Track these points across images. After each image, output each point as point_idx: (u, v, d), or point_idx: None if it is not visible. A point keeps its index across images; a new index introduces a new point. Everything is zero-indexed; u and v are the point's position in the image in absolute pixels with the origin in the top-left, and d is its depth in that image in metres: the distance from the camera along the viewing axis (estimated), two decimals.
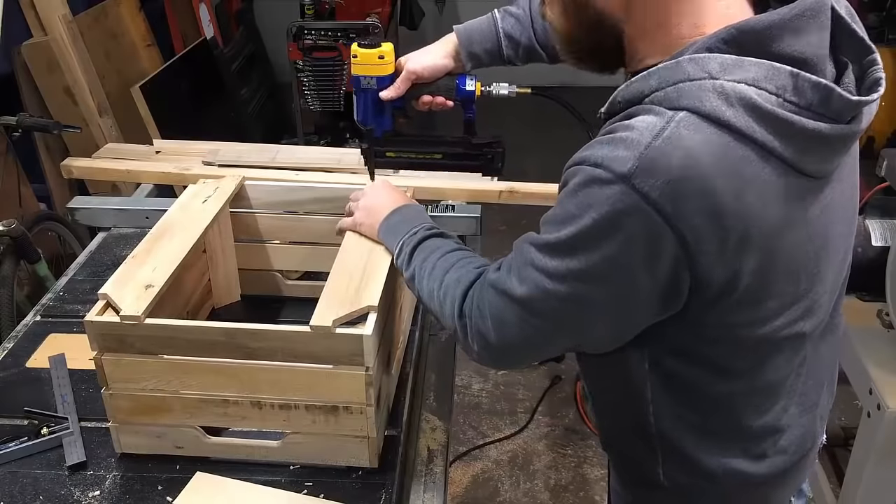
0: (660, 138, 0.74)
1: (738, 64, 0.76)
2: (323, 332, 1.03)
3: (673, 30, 0.82)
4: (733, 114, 0.75)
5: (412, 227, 1.11)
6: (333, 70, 3.53)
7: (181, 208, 1.33)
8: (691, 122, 0.75)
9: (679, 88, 0.77)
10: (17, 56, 2.71)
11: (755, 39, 0.77)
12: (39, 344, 1.38)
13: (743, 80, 0.76)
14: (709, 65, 0.77)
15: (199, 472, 1.12)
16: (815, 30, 0.78)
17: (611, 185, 0.75)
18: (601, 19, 0.87)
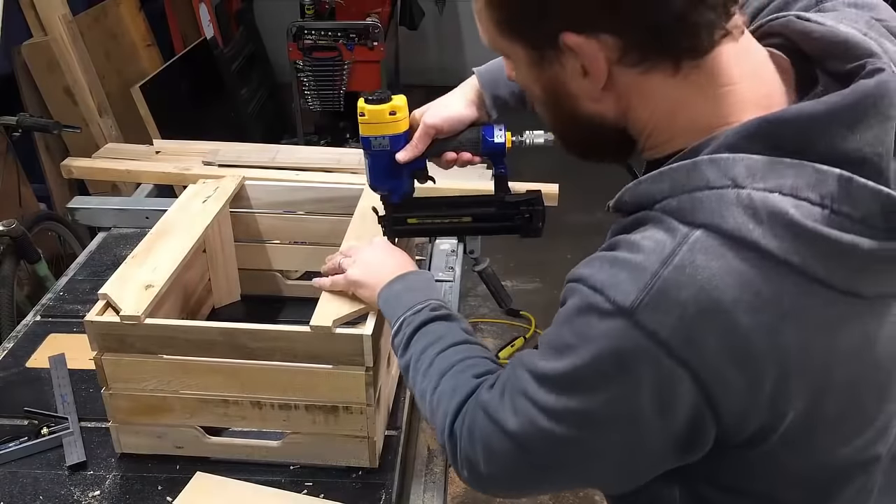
0: (670, 265, 0.62)
1: (771, 167, 0.62)
2: (323, 332, 1.03)
3: (690, 120, 0.69)
4: (763, 233, 0.60)
5: (416, 303, 0.96)
6: (333, 70, 3.54)
7: (181, 208, 1.33)
8: (709, 245, 0.61)
9: (695, 199, 0.63)
10: (17, 56, 2.71)
11: (794, 135, 0.62)
12: (39, 344, 1.38)
13: (777, 188, 0.61)
14: (733, 169, 0.62)
15: (199, 472, 1.12)
16: (875, 121, 0.62)
17: (611, 319, 0.64)
18: (595, 124, 0.74)
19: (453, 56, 4.93)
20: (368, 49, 3.49)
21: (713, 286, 0.61)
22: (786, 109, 0.64)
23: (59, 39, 2.71)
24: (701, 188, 0.63)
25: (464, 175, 1.71)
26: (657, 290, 0.62)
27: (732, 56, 0.67)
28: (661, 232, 0.64)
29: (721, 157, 0.64)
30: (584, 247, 0.85)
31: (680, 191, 0.65)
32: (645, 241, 0.65)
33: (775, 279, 0.61)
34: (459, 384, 0.84)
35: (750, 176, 0.62)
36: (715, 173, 0.63)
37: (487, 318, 3.05)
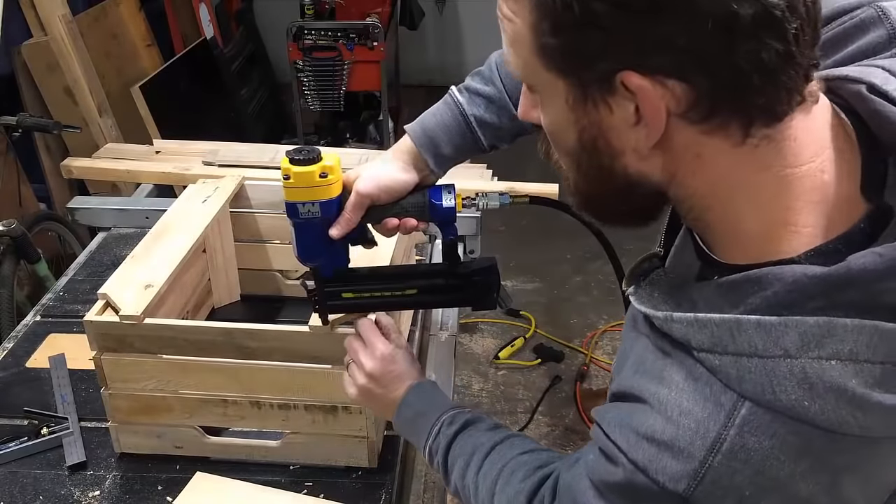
0: (718, 453, 0.56)
1: (827, 332, 0.54)
2: (322, 332, 1.03)
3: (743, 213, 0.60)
4: (820, 409, 0.54)
5: (431, 427, 0.92)
6: (333, 70, 3.54)
7: (181, 208, 1.33)
8: (760, 425, 0.56)
9: (741, 366, 0.56)
10: (17, 56, 2.71)
11: (859, 296, 0.55)
12: (39, 344, 1.38)
13: (835, 355, 0.54)
14: (784, 337, 0.55)
15: (199, 472, 1.12)
16: None
17: (663, 500, 0.59)
18: (633, 185, 0.63)
19: (453, 56, 4.93)
20: (368, 49, 3.49)
21: (768, 466, 0.56)
22: (847, 263, 0.55)
23: (59, 39, 2.71)
24: (747, 354, 0.56)
25: (463, 176, 1.72)
26: (710, 480, 0.57)
27: (804, 129, 0.58)
28: (700, 404, 0.58)
29: (770, 321, 0.56)
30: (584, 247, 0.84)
31: (723, 350, 0.57)
32: (684, 419, 0.58)
33: (832, 446, 0.56)
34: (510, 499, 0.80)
35: (804, 346, 0.55)
36: (763, 340, 0.56)
37: (487, 318, 3.06)
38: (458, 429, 0.90)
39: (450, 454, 0.89)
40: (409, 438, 0.98)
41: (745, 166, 0.58)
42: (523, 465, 0.82)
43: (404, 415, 0.96)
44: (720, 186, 0.60)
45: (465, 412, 0.93)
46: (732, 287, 0.59)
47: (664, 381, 0.61)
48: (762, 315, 0.56)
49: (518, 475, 0.81)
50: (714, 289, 0.61)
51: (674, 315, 0.61)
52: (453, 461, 0.88)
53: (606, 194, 0.66)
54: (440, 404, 0.94)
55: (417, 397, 0.96)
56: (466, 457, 0.87)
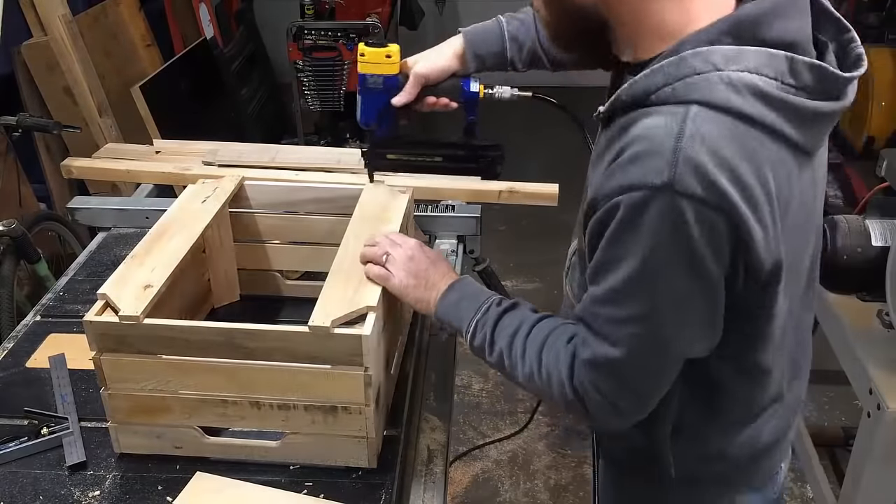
0: (683, 138, 0.77)
1: (739, 54, 0.79)
2: (322, 332, 1.03)
3: (660, 21, 0.84)
4: (743, 102, 0.78)
5: (479, 305, 1.06)
6: (333, 70, 3.54)
7: (181, 208, 1.33)
8: (706, 116, 0.78)
9: (687, 83, 0.79)
10: (17, 56, 2.71)
11: (750, 28, 0.81)
12: (39, 344, 1.38)
13: (746, 68, 0.79)
14: (712, 57, 0.79)
15: (199, 472, 1.12)
16: (797, 14, 0.84)
17: (656, 201, 0.78)
18: (582, 11, 0.88)
19: None
20: None
21: (719, 146, 0.77)
22: (742, 9, 0.82)
23: (59, 39, 2.71)
24: (690, 74, 0.79)
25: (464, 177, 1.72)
26: (682, 160, 0.76)
27: None
28: (660, 118, 0.79)
29: (702, 49, 0.80)
30: None
31: (673, 79, 0.80)
32: (650, 131, 0.79)
33: (755, 134, 0.79)
34: (559, 354, 0.96)
35: (726, 61, 0.79)
36: (700, 62, 0.79)
37: None
38: (507, 307, 1.04)
39: (498, 326, 1.03)
40: (447, 318, 1.09)
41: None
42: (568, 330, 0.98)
43: (449, 298, 1.09)
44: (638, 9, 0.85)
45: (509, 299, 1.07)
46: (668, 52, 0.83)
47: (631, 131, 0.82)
48: None
49: (563, 337, 0.98)
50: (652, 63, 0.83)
51: (635, 78, 0.83)
52: (500, 331, 1.02)
53: (566, 21, 0.92)
54: (487, 291, 1.10)
55: (464, 284, 1.11)
56: (515, 326, 1.01)
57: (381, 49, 1.19)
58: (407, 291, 1.11)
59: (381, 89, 1.21)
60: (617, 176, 0.81)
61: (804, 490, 2.35)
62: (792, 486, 2.38)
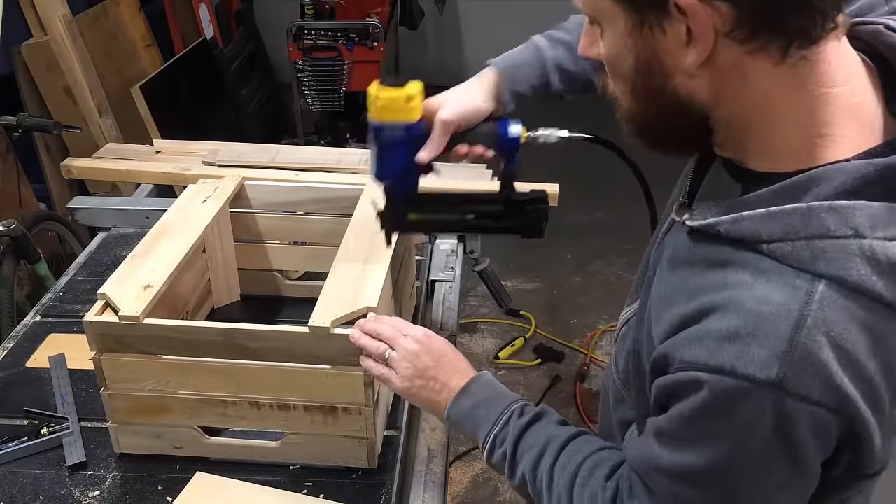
0: (803, 329, 0.61)
1: (891, 215, 0.62)
2: (322, 332, 1.03)
3: (784, 114, 0.67)
4: (885, 285, 0.62)
5: (498, 416, 0.92)
6: (333, 70, 3.54)
7: (181, 208, 1.33)
8: (836, 300, 0.62)
9: (815, 247, 0.62)
10: (17, 56, 2.71)
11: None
12: (39, 344, 1.38)
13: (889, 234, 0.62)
14: (855, 218, 0.62)
15: (199, 472, 1.12)
16: None
17: (758, 398, 0.63)
18: (681, 107, 0.70)
19: (453, 56, 4.93)
20: (368, 49, 3.49)
21: (846, 339, 0.62)
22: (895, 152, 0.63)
23: (59, 39, 2.71)
24: (822, 236, 0.62)
25: (464, 176, 1.72)
26: (800, 357, 0.61)
27: (835, 55, 0.65)
28: (776, 290, 0.63)
29: (841, 204, 0.62)
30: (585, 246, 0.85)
31: (795, 237, 0.63)
32: (765, 308, 0.63)
33: (886, 324, 0.63)
34: (596, 496, 0.82)
35: (871, 226, 0.62)
36: (835, 222, 0.62)
37: (487, 318, 3.06)
38: (529, 419, 0.90)
39: (520, 444, 0.89)
40: (463, 428, 0.95)
41: (784, 85, 0.65)
42: (606, 462, 0.85)
43: (462, 404, 0.94)
44: (761, 104, 0.66)
45: (532, 405, 0.93)
46: (793, 186, 0.65)
47: (730, 286, 0.65)
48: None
49: (602, 471, 0.83)
50: (773, 191, 0.66)
51: (744, 214, 0.66)
52: (523, 451, 0.88)
53: (657, 116, 0.72)
54: (506, 395, 0.95)
55: (480, 387, 0.95)
56: (540, 447, 0.87)
57: (400, 92, 0.94)
58: (412, 393, 0.98)
59: (402, 140, 0.97)
60: (707, 344, 0.65)
61: None
62: None
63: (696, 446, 0.69)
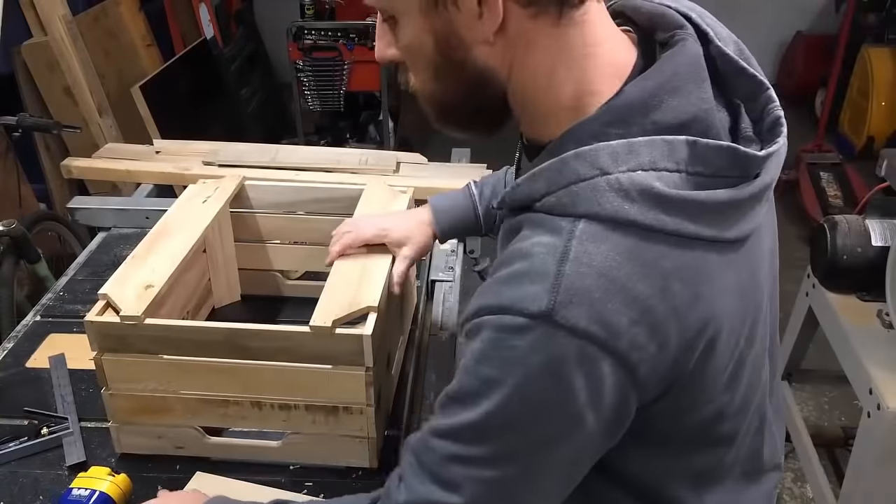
0: (567, 262, 0.65)
1: (629, 149, 0.67)
2: (323, 332, 1.03)
3: (561, 80, 0.72)
4: (637, 210, 0.66)
5: None
6: (333, 70, 3.54)
7: (181, 208, 1.33)
8: (593, 233, 0.66)
9: (571, 192, 0.68)
10: (17, 56, 2.71)
11: (640, 114, 0.69)
12: (39, 344, 1.38)
13: (639, 166, 0.66)
14: (599, 159, 0.67)
15: (199, 472, 1.12)
16: (693, 86, 0.70)
17: (530, 331, 0.65)
18: (482, 79, 0.74)
19: None
20: (368, 49, 3.49)
21: (608, 267, 0.65)
22: (627, 91, 0.70)
23: (59, 39, 2.71)
24: (575, 181, 0.68)
25: (464, 176, 1.71)
26: (564, 288, 0.64)
27: (599, 16, 0.72)
28: (546, 235, 0.68)
29: (584, 150, 0.68)
30: None
31: (556, 187, 0.69)
32: (535, 248, 0.68)
33: (654, 246, 0.66)
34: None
35: (614, 161, 0.67)
36: (583, 166, 0.68)
37: None
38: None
39: None
40: None
41: (561, 47, 0.71)
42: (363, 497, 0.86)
43: None
44: (543, 69, 0.72)
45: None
46: (554, 144, 0.72)
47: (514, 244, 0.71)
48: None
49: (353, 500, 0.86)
50: (542, 157, 0.73)
51: (518, 181, 0.73)
52: None
53: (462, 94, 0.76)
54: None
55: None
56: None
57: None
58: None
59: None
60: (490, 293, 0.69)
61: (804, 490, 2.35)
62: (792, 487, 2.38)
63: (475, 398, 0.69)
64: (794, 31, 4.88)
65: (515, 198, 0.73)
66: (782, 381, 2.21)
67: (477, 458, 0.71)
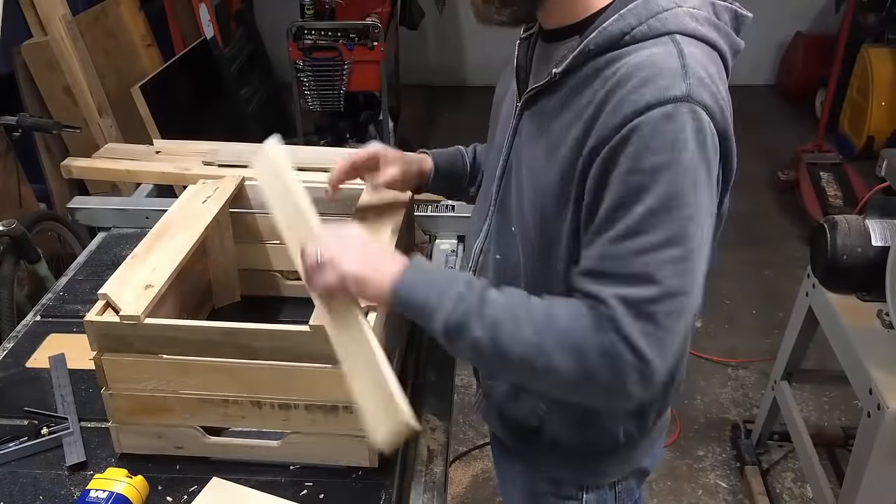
0: (685, 56, 0.84)
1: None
2: (323, 331, 1.03)
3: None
4: (705, 31, 0.89)
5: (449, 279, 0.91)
6: (333, 70, 3.54)
7: (181, 208, 1.33)
8: (689, 43, 0.86)
9: (660, 19, 0.87)
10: (17, 56, 2.71)
11: None
12: (39, 344, 1.38)
13: (692, 6, 0.90)
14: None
15: (216, 478, 1.11)
16: None
17: (680, 111, 0.81)
18: None
19: (453, 56, 4.93)
20: (368, 49, 3.49)
21: (703, 62, 0.86)
22: None
23: (59, 39, 2.71)
24: (660, 12, 0.87)
25: None
26: (691, 74, 0.83)
27: None
28: (652, 48, 0.86)
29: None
30: None
31: (646, 18, 0.87)
32: (653, 57, 0.84)
33: (711, 53, 0.90)
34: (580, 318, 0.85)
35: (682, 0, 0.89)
36: (664, 1, 0.88)
37: None
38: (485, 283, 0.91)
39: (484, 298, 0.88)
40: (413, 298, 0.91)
41: None
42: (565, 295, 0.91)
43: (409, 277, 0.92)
44: None
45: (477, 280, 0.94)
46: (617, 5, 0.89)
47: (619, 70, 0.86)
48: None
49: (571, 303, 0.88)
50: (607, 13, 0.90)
51: (603, 25, 0.88)
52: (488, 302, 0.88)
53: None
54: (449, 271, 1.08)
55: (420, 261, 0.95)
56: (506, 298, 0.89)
57: None
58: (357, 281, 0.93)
59: None
60: (626, 104, 0.82)
61: (804, 490, 2.35)
62: (792, 486, 2.38)
63: (644, 190, 0.82)
64: (794, 31, 4.88)
65: (603, 39, 0.88)
66: (782, 382, 2.22)
67: (665, 240, 0.82)
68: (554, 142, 0.92)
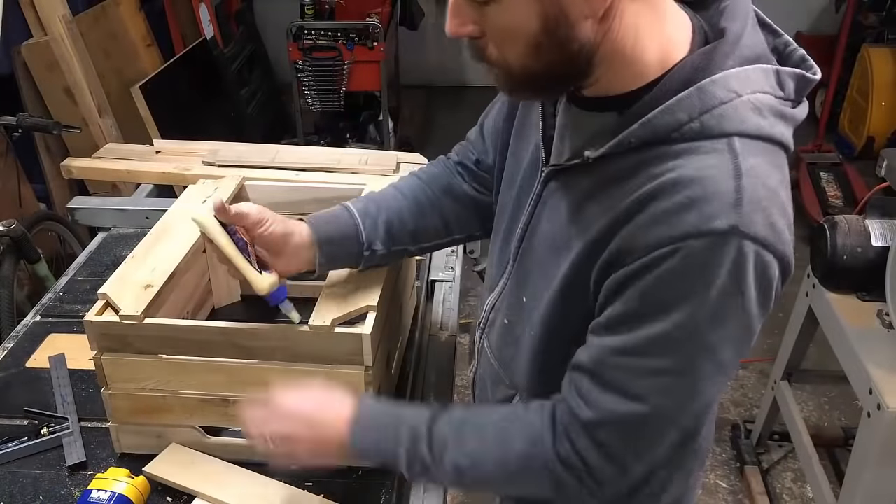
0: (742, 176, 0.72)
1: (745, 76, 0.75)
2: (322, 331, 1.03)
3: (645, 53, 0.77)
4: (769, 125, 0.75)
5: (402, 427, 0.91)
6: (333, 70, 3.54)
7: (181, 208, 1.33)
8: (749, 147, 0.73)
9: (715, 115, 0.74)
10: (17, 56, 2.71)
11: (734, 46, 0.76)
12: (39, 344, 1.38)
13: (756, 89, 0.75)
14: (730, 83, 0.74)
15: (174, 443, 1.13)
16: (753, 23, 0.80)
17: (721, 247, 0.71)
18: (581, 51, 0.76)
19: (453, 56, 4.93)
20: (368, 49, 3.49)
21: (766, 177, 0.73)
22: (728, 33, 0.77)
23: (59, 39, 2.71)
24: (716, 105, 0.74)
25: None
26: (746, 200, 0.71)
27: None
28: (705, 157, 0.73)
29: (718, 77, 0.74)
30: None
31: (699, 113, 0.74)
32: (704, 171, 0.72)
33: (780, 155, 0.77)
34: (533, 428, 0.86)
35: (742, 85, 0.74)
36: (721, 91, 0.74)
37: None
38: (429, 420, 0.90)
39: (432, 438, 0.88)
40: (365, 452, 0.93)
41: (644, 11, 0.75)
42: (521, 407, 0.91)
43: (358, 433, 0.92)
44: (631, 33, 0.76)
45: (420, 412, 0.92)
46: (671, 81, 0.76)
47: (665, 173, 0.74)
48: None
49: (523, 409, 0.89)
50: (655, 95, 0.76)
51: (648, 116, 0.75)
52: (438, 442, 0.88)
53: (557, 67, 0.77)
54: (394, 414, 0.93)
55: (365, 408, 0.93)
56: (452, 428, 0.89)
57: None
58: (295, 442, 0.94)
59: None
60: (663, 225, 0.73)
61: (804, 490, 2.35)
62: (792, 486, 2.38)
63: (659, 315, 0.75)
64: (794, 31, 4.88)
65: (647, 133, 0.75)
66: (782, 382, 2.22)
67: (664, 369, 0.77)
68: (586, 224, 0.82)
